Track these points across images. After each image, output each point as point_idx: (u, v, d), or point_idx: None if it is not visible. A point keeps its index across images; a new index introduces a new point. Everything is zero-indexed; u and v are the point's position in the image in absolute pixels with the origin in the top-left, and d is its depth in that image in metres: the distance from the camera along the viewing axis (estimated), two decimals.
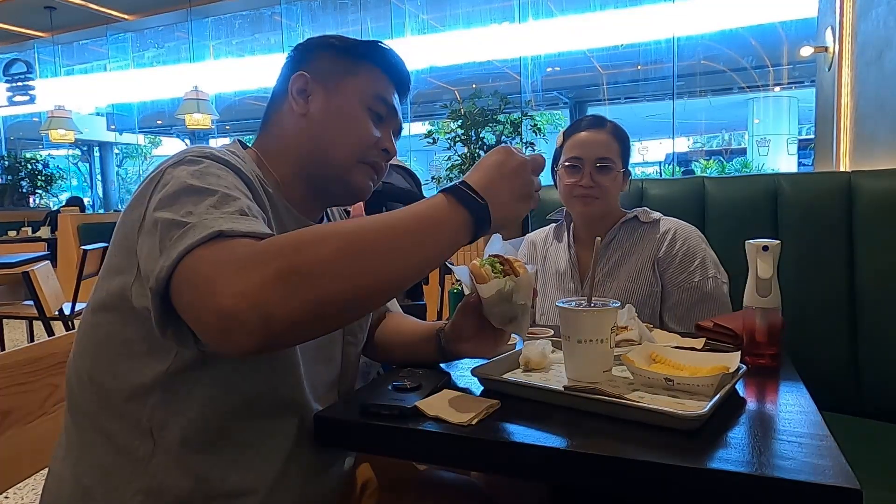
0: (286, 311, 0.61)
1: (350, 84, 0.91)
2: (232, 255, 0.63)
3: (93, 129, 13.83)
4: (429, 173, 6.78)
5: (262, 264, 0.61)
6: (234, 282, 0.60)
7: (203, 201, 0.70)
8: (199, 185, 0.72)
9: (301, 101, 0.91)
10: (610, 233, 1.52)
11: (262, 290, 0.60)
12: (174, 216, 0.68)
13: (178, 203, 0.70)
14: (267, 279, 0.60)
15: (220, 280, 0.61)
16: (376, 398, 0.85)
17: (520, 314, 0.90)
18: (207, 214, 0.67)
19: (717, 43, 9.74)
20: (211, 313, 0.61)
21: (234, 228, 0.66)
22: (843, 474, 0.62)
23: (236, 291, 0.60)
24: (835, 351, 1.59)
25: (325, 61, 0.93)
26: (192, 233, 0.65)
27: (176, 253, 0.64)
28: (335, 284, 0.63)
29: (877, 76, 2.24)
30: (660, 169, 16.33)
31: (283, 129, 0.92)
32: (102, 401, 0.78)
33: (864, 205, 1.58)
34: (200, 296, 0.62)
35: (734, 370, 0.86)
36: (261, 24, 10.98)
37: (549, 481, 0.93)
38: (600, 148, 1.48)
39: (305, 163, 0.91)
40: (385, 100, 0.93)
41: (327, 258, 0.63)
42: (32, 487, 2.28)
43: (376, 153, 0.93)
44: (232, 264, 0.62)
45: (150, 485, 0.75)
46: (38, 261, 3.54)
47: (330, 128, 0.90)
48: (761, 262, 1.08)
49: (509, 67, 10.09)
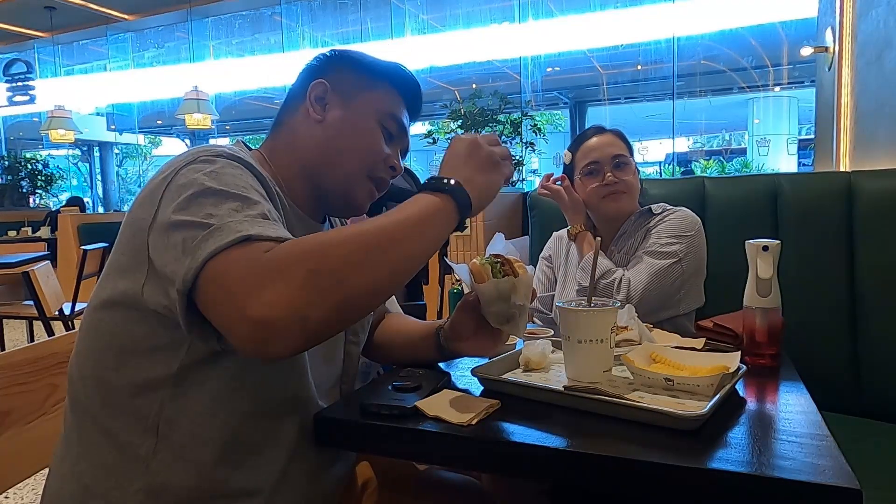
0: (319, 312, 0.64)
1: (367, 99, 0.94)
2: (259, 261, 0.65)
3: (93, 129, 13.82)
4: (429, 173, 6.78)
5: (290, 270, 0.64)
6: (266, 291, 0.62)
7: (224, 203, 0.70)
8: (216, 186, 0.72)
9: (318, 108, 0.93)
10: (624, 225, 1.56)
11: (295, 296, 0.63)
12: (194, 218, 0.68)
13: (197, 204, 0.70)
14: (298, 284, 0.63)
15: (252, 290, 0.63)
16: (376, 398, 0.85)
17: (517, 315, 0.90)
18: (230, 217, 0.68)
19: (717, 43, 9.74)
20: (246, 324, 0.62)
21: (261, 233, 0.67)
22: (843, 474, 0.62)
23: (269, 301, 0.62)
24: (835, 351, 1.59)
25: (346, 74, 0.95)
26: (219, 235, 0.66)
27: (203, 255, 0.65)
28: (360, 280, 0.68)
29: (877, 76, 2.24)
30: (660, 169, 16.32)
31: (295, 132, 0.94)
32: (106, 398, 0.78)
33: (864, 205, 1.58)
34: (233, 306, 0.63)
35: (734, 370, 0.86)
36: (261, 24, 10.97)
37: (549, 481, 0.93)
38: (612, 147, 1.56)
39: (312, 169, 0.92)
40: (398, 118, 0.96)
41: (351, 258, 0.67)
42: (32, 487, 2.28)
43: (383, 169, 0.96)
44: (260, 272, 0.64)
45: (152, 483, 0.75)
46: (38, 261, 3.54)
47: (343, 138, 0.92)
48: (761, 262, 1.08)
49: (509, 67, 10.08)
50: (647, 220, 1.54)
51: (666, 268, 1.42)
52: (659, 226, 1.50)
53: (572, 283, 1.61)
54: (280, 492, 0.82)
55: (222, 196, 0.71)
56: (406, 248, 0.73)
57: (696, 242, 1.47)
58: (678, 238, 1.46)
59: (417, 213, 0.76)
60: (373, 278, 0.69)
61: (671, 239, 1.45)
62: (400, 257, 0.72)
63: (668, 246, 1.44)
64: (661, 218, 1.51)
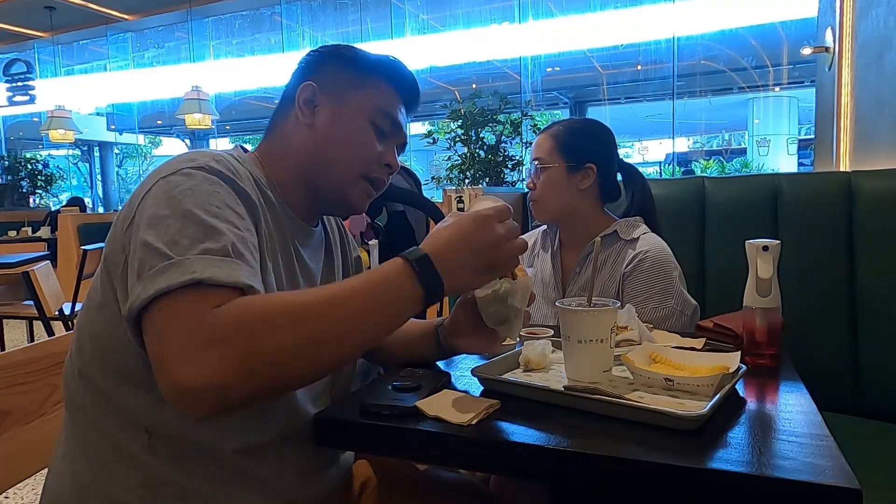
0: (243, 391, 0.64)
1: (357, 98, 0.92)
2: (200, 322, 0.64)
3: (93, 129, 13.82)
4: (429, 173, 6.78)
5: (226, 345, 0.63)
6: (196, 360, 0.62)
7: (188, 229, 0.70)
8: (187, 208, 0.71)
9: (307, 111, 0.91)
10: (588, 247, 1.48)
11: (222, 374, 0.62)
12: (158, 243, 0.68)
13: (164, 225, 0.70)
14: (229, 361, 0.62)
15: (183, 354, 0.63)
16: (376, 398, 0.85)
17: (512, 317, 0.90)
18: (190, 250, 0.68)
19: (717, 43, 9.74)
20: (170, 383, 0.63)
21: (214, 277, 0.66)
22: (843, 474, 0.62)
23: (196, 371, 0.62)
24: (835, 351, 1.59)
25: (335, 72, 0.93)
26: (173, 272, 0.66)
27: (151, 290, 0.65)
28: (290, 367, 0.67)
29: (877, 76, 2.24)
30: (660, 169, 16.33)
31: (287, 137, 0.93)
32: (95, 397, 0.78)
33: (864, 205, 1.58)
34: (162, 360, 0.64)
35: (734, 370, 0.86)
36: (261, 24, 10.98)
37: (549, 481, 0.93)
38: (535, 150, 1.50)
39: (306, 172, 0.91)
40: (390, 115, 0.94)
41: (285, 345, 0.65)
42: (32, 487, 2.28)
43: (378, 168, 0.94)
44: (198, 336, 0.63)
45: (149, 478, 0.76)
46: (38, 261, 3.54)
47: (334, 141, 0.90)
48: (761, 262, 1.08)
49: (509, 67, 10.08)
50: (612, 243, 1.45)
51: (672, 324, 1.35)
52: (636, 281, 1.39)
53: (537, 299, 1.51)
54: (276, 487, 0.81)
55: (189, 221, 0.70)
56: (352, 334, 0.70)
57: (676, 275, 1.40)
58: (666, 292, 1.37)
59: (375, 295, 0.71)
60: (305, 362, 0.68)
61: (661, 297, 1.37)
62: (347, 347, 0.70)
63: (663, 307, 1.36)
64: (635, 266, 1.40)
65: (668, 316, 1.37)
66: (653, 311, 1.36)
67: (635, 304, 1.30)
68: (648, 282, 1.39)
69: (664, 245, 1.44)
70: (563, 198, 1.47)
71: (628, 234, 1.46)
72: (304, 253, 0.93)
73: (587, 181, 1.47)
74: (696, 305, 1.42)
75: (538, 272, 1.58)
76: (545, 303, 1.54)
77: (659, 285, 1.38)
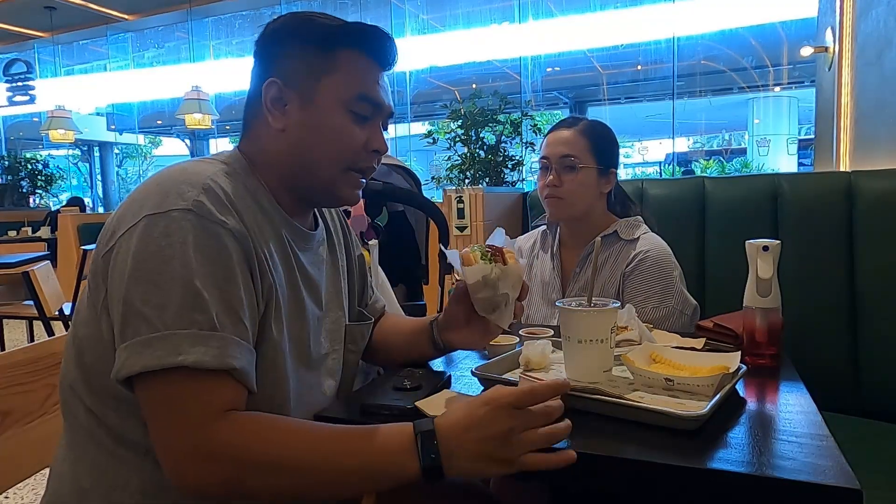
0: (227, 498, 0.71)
1: (327, 86, 0.84)
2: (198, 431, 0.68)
3: (93, 129, 13.82)
4: (429, 173, 6.77)
5: (214, 469, 0.68)
6: (189, 464, 0.68)
7: (174, 293, 0.69)
8: (174, 267, 0.70)
9: (277, 114, 0.84)
10: (588, 247, 1.48)
11: (208, 484, 0.69)
12: (143, 307, 0.69)
13: (150, 284, 0.69)
14: (211, 483, 0.69)
15: (178, 454, 0.69)
16: (376, 398, 0.85)
17: (503, 304, 0.91)
18: (175, 323, 0.68)
19: (717, 43, 9.74)
20: (165, 466, 0.70)
21: (200, 362, 0.68)
22: (843, 474, 0.62)
23: (191, 474, 0.69)
24: (835, 351, 1.59)
25: (295, 60, 0.84)
26: (157, 348, 0.67)
27: (138, 366, 0.68)
28: (271, 499, 0.72)
29: (877, 76, 2.24)
30: (660, 169, 16.33)
31: (262, 141, 0.87)
32: (88, 410, 0.78)
33: (864, 205, 1.58)
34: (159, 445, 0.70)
35: (734, 370, 0.86)
36: (261, 24, 10.97)
37: (549, 481, 0.93)
38: (564, 145, 1.44)
39: (290, 178, 0.87)
40: (367, 97, 0.86)
41: (270, 487, 0.69)
42: (32, 487, 2.28)
43: (364, 156, 0.88)
44: (191, 444, 0.68)
45: (147, 485, 0.76)
46: (38, 261, 3.54)
47: (311, 142, 0.85)
48: (761, 262, 1.08)
49: (509, 67, 10.08)
50: (612, 244, 1.45)
51: (672, 326, 1.35)
52: (637, 281, 1.39)
53: (537, 300, 1.52)
54: None
55: (177, 284, 0.69)
56: (341, 493, 0.72)
57: (676, 275, 1.40)
58: (666, 292, 1.37)
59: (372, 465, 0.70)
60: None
61: (662, 297, 1.37)
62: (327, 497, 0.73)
63: (663, 307, 1.36)
64: (636, 266, 1.40)
65: (668, 316, 1.37)
66: (653, 311, 1.36)
67: (635, 303, 1.30)
68: (648, 282, 1.39)
69: (664, 245, 1.44)
70: (589, 199, 1.46)
71: (629, 234, 1.46)
72: (304, 260, 0.90)
73: (608, 186, 1.48)
74: (696, 305, 1.42)
75: (538, 272, 1.58)
76: (545, 303, 1.53)
77: (659, 285, 1.38)
